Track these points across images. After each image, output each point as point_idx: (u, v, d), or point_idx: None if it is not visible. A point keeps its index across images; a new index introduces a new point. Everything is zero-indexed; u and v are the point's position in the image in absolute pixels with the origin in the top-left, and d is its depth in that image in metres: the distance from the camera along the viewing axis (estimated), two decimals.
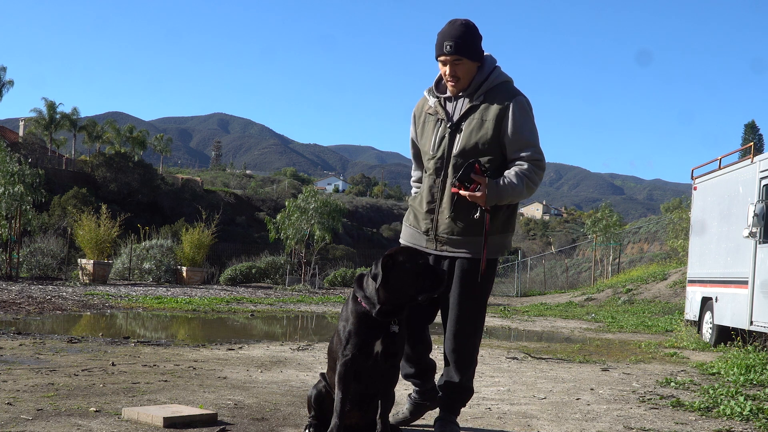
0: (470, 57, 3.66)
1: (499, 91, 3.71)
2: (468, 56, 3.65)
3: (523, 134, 3.67)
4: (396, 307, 3.44)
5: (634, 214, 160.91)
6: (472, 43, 3.66)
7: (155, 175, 57.56)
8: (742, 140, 56.83)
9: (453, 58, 3.64)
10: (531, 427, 4.32)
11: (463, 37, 3.63)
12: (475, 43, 3.68)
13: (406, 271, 3.41)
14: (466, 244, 3.71)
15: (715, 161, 11.69)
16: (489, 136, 3.66)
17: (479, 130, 3.66)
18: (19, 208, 21.43)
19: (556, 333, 13.22)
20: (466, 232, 3.71)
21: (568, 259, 48.01)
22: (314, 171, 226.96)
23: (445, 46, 3.64)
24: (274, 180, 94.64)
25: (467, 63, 3.66)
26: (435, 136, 3.77)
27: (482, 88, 3.70)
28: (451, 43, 3.62)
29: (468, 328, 3.74)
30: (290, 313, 15.07)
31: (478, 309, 3.76)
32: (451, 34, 3.64)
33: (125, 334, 9.12)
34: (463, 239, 3.71)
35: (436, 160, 3.75)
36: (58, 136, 66.43)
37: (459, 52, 3.62)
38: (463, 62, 3.65)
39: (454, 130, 3.71)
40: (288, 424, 4.06)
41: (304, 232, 28.93)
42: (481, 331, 3.81)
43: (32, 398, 4.42)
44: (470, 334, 3.75)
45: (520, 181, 3.62)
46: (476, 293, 3.74)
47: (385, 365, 3.47)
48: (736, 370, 7.22)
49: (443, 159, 3.73)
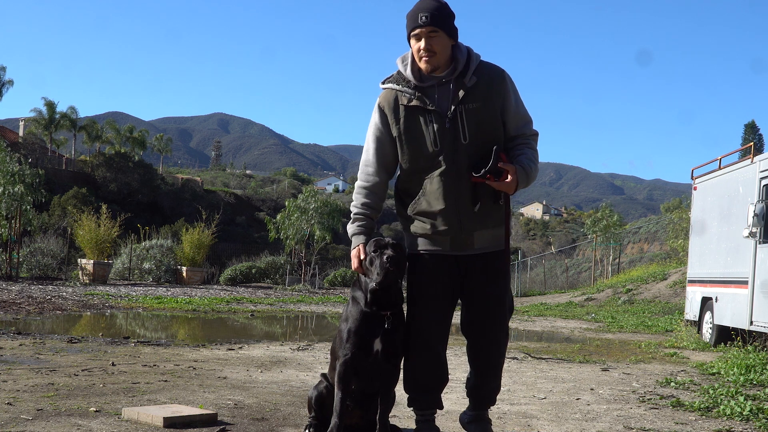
0: (446, 30, 3.42)
1: (486, 69, 3.52)
2: (444, 29, 3.41)
3: (520, 109, 3.56)
4: (387, 294, 3.43)
5: (634, 214, 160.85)
6: (447, 17, 3.46)
7: (155, 175, 57.56)
8: (742, 140, 56.82)
9: (429, 30, 3.38)
10: (531, 427, 4.32)
11: (440, 10, 3.43)
12: (451, 18, 3.48)
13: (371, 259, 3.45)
14: (492, 238, 3.55)
15: (715, 161, 11.69)
16: (495, 118, 3.49)
17: (484, 113, 3.45)
18: (19, 208, 21.44)
19: (556, 333, 13.22)
20: (490, 224, 3.52)
21: (568, 259, 47.99)
22: (314, 171, 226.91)
23: (420, 17, 3.37)
24: (274, 180, 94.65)
25: (443, 37, 3.42)
26: (431, 129, 3.44)
27: (470, 69, 3.46)
28: (427, 14, 3.37)
29: (504, 327, 3.61)
30: (290, 313, 15.07)
31: (507, 304, 3.61)
32: (426, 7, 3.41)
33: (125, 334, 9.12)
34: (490, 232, 3.54)
35: (444, 155, 3.43)
36: (58, 136, 66.40)
37: (435, 23, 3.38)
38: (440, 35, 3.40)
39: (454, 120, 3.44)
40: (288, 424, 4.06)
41: (304, 232, 28.94)
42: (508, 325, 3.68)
43: (32, 398, 4.42)
44: (505, 333, 3.63)
45: (534, 163, 3.50)
46: (507, 287, 3.61)
47: (385, 365, 3.47)
48: (736, 370, 7.22)
49: (451, 152, 3.43)
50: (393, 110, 3.51)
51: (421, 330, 3.54)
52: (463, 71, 3.47)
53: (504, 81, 3.52)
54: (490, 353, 3.61)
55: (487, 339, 3.58)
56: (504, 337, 3.63)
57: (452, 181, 3.44)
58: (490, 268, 3.54)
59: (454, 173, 3.44)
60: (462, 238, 3.51)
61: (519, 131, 3.55)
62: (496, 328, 3.57)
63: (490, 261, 3.55)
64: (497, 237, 3.56)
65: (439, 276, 3.54)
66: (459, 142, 3.44)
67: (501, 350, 3.64)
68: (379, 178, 3.60)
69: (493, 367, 3.64)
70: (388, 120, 3.53)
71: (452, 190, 3.44)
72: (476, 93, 3.45)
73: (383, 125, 3.55)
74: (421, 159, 3.48)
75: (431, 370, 3.59)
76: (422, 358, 3.58)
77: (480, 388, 3.66)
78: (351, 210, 3.65)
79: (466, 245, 3.53)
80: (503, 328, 3.60)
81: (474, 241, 3.53)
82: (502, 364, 3.70)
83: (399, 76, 3.53)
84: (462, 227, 3.49)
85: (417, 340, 3.55)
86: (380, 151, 3.57)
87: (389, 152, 3.57)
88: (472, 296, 3.57)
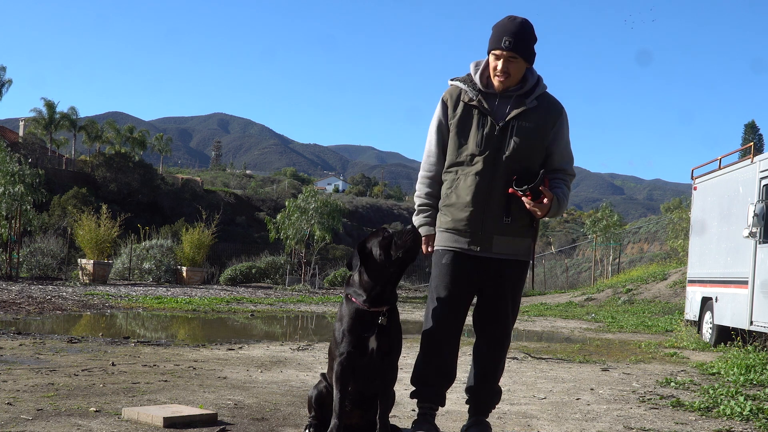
0: (525, 57, 3.58)
1: (549, 99, 3.69)
2: (523, 55, 3.57)
3: (568, 147, 3.73)
4: (383, 290, 3.46)
5: (634, 214, 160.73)
6: (529, 43, 3.60)
7: (155, 175, 57.52)
8: (742, 140, 56.82)
9: (509, 54, 3.54)
10: (531, 427, 4.32)
11: (523, 36, 3.55)
12: (532, 43, 3.62)
13: (380, 242, 3.45)
14: (510, 245, 3.64)
15: (715, 161, 11.69)
16: (541, 144, 3.63)
17: (534, 134, 3.60)
18: (19, 208, 21.44)
19: (556, 333, 13.22)
20: (509, 232, 3.62)
21: (568, 259, 48.00)
22: (314, 171, 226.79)
23: (503, 41, 3.53)
24: (274, 180, 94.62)
25: (521, 62, 3.58)
26: (481, 131, 3.60)
27: (535, 93, 3.65)
28: (511, 39, 3.52)
29: (509, 333, 3.77)
30: (290, 313, 15.07)
31: (516, 313, 3.79)
32: (512, 30, 3.54)
33: (125, 334, 9.12)
34: (512, 240, 3.64)
35: (485, 157, 3.58)
36: (58, 136, 66.37)
37: (517, 49, 3.54)
38: (518, 60, 3.56)
39: (504, 130, 3.59)
40: (288, 424, 4.06)
41: (304, 232, 28.94)
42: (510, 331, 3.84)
43: (32, 398, 4.42)
44: (508, 339, 3.79)
45: (567, 199, 3.66)
46: (519, 298, 3.78)
47: (381, 363, 3.47)
48: (736, 370, 7.22)
49: (492, 158, 3.58)
50: (454, 103, 3.71)
51: (433, 324, 3.67)
52: (528, 92, 3.64)
53: (561, 115, 3.70)
54: (493, 357, 3.74)
55: (493, 342, 3.72)
56: (508, 341, 3.79)
57: (485, 183, 3.59)
58: (507, 276, 3.66)
59: (489, 177, 3.59)
60: (482, 238, 3.62)
61: (561, 166, 3.71)
62: (501, 333, 3.72)
63: (509, 269, 3.67)
64: (516, 245, 3.67)
65: (459, 274, 3.65)
66: (501, 153, 3.58)
67: (503, 354, 3.78)
68: (440, 166, 3.75)
69: (493, 371, 3.76)
70: (449, 112, 3.71)
71: (483, 190, 3.59)
72: (533, 115, 3.62)
73: (444, 117, 3.73)
74: (463, 154, 3.64)
75: (436, 364, 3.69)
76: (429, 352, 3.69)
77: (480, 392, 3.76)
78: (415, 201, 3.83)
79: (484, 245, 3.62)
80: (508, 334, 3.76)
81: (492, 245, 3.62)
82: (502, 369, 3.82)
83: (468, 78, 3.72)
84: (484, 228, 3.60)
85: (427, 333, 3.68)
86: (441, 141, 3.74)
87: (446, 140, 3.73)
88: (487, 300, 3.70)
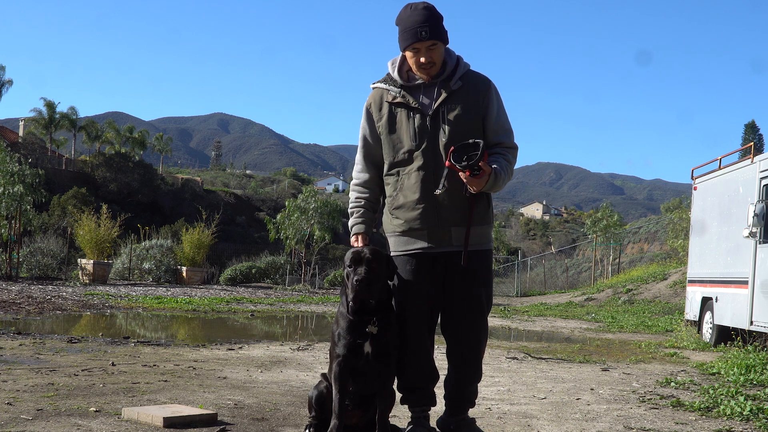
0: (443, 40, 3.53)
1: (474, 76, 3.63)
2: (441, 39, 3.52)
3: (501, 119, 3.63)
4: (363, 306, 3.42)
5: (634, 214, 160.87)
6: (441, 24, 3.54)
7: (155, 175, 57.53)
8: (742, 140, 56.86)
9: (430, 44, 3.48)
10: (531, 427, 4.32)
11: (435, 20, 3.50)
12: (443, 24, 3.57)
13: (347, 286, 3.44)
14: (474, 235, 3.56)
15: (715, 161, 11.70)
16: (475, 122, 3.57)
17: (466, 116, 3.54)
18: (19, 208, 21.45)
19: (556, 333, 13.22)
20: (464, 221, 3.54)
21: (568, 259, 47.99)
22: (314, 171, 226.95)
23: (419, 33, 3.44)
24: (274, 180, 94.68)
25: (441, 46, 3.54)
26: (412, 125, 3.54)
27: (457, 74, 3.58)
28: (427, 28, 3.45)
29: (483, 326, 3.62)
30: (290, 313, 15.07)
31: (488, 303, 3.65)
32: (424, 18, 3.47)
33: (125, 334, 9.12)
34: (471, 229, 3.55)
35: (423, 150, 3.52)
36: (57, 136, 66.39)
37: (435, 36, 3.47)
38: (438, 46, 3.51)
39: (435, 119, 3.54)
40: (288, 424, 4.06)
41: (304, 232, 28.95)
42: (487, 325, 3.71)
43: (32, 398, 4.42)
44: (484, 334, 3.64)
45: (505, 172, 3.52)
46: (491, 289, 3.67)
47: (377, 366, 3.47)
48: (736, 370, 7.22)
49: (429, 150, 3.52)
50: (378, 107, 3.65)
51: (407, 329, 3.58)
52: (450, 75, 3.59)
53: (489, 89, 3.63)
54: (467, 353, 3.62)
55: (465, 338, 3.60)
56: (483, 336, 3.65)
57: (429, 176, 3.52)
58: (468, 267, 3.56)
59: (432, 169, 3.52)
60: (439, 233, 3.56)
61: (498, 139, 3.62)
62: (474, 327, 3.60)
63: (475, 259, 3.57)
64: (476, 235, 3.59)
65: (420, 276, 3.58)
66: (438, 141, 3.53)
67: (480, 349, 3.65)
68: (369, 174, 3.71)
69: (471, 367, 3.64)
70: (374, 117, 3.67)
71: (429, 184, 3.52)
72: (459, 96, 3.57)
73: (368, 124, 3.69)
74: (400, 153, 3.58)
75: (418, 368, 3.64)
76: (409, 357, 3.61)
77: (458, 390, 3.66)
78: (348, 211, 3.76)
79: (443, 240, 3.57)
80: (482, 327, 3.63)
81: (452, 237, 3.56)
82: (481, 365, 3.70)
83: (388, 77, 3.67)
84: (439, 221, 3.55)
85: (403, 339, 3.59)
86: (367, 148, 3.70)
87: (375, 149, 3.69)
88: (452, 296, 3.60)
